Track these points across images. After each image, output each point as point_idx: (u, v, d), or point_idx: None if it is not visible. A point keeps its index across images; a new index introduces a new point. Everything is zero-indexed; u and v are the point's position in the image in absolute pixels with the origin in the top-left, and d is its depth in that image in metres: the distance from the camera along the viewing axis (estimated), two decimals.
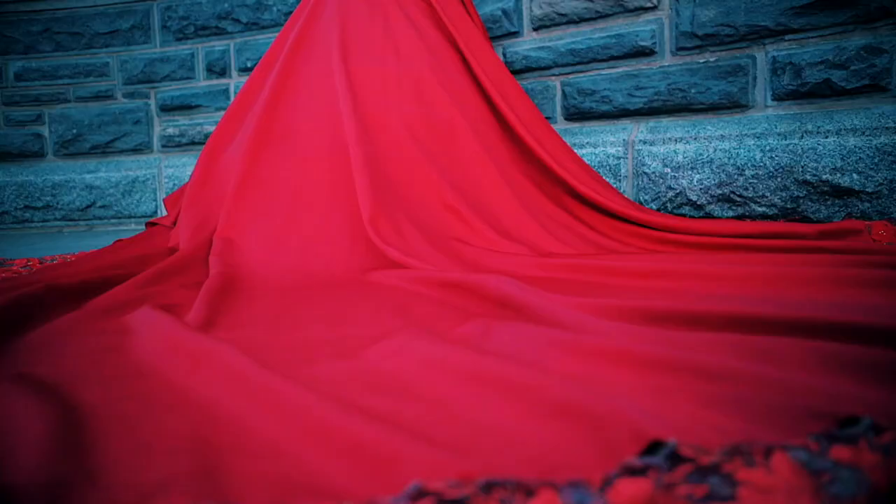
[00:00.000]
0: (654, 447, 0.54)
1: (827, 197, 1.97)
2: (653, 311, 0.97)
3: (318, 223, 1.72)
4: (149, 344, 0.96)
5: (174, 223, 2.18)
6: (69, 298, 1.33)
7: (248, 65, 3.46)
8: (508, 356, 0.83)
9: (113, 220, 3.63)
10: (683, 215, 2.23)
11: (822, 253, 1.48)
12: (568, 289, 1.28)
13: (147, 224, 2.36)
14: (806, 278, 1.22)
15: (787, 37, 2.07)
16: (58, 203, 3.65)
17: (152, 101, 3.66)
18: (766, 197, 2.07)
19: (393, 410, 0.69)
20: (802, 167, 1.99)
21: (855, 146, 1.91)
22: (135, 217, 3.60)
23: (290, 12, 3.31)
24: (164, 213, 3.13)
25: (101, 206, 3.62)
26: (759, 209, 2.09)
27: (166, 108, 3.63)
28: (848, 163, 1.92)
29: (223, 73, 3.54)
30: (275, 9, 3.40)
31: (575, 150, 2.41)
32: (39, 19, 3.71)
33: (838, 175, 1.93)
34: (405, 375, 0.79)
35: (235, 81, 3.52)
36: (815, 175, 1.97)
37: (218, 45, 3.54)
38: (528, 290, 1.09)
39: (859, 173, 1.90)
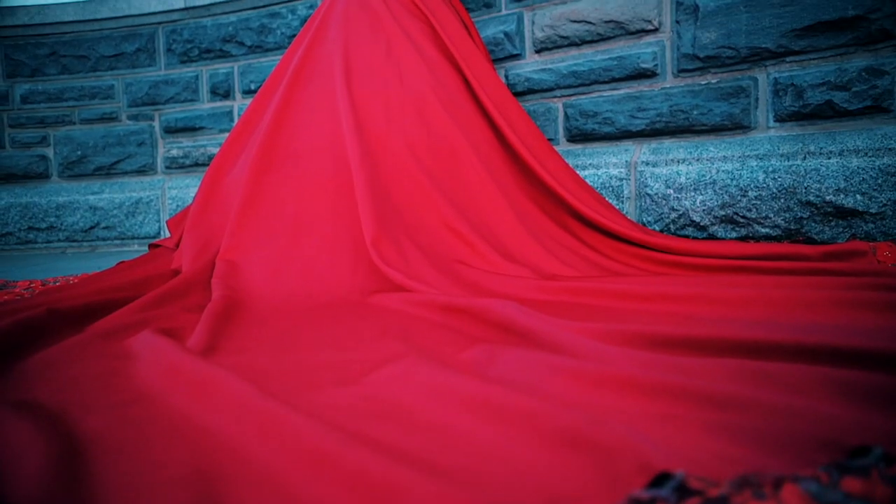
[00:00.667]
0: (661, 479, 0.53)
1: (831, 218, 1.96)
2: (657, 336, 0.96)
3: (320, 245, 1.72)
4: (150, 370, 0.95)
5: (177, 245, 2.18)
6: (71, 322, 1.33)
7: (252, 87, 3.48)
8: (513, 383, 0.83)
9: (116, 241, 3.64)
10: (687, 236, 2.23)
11: (827, 275, 1.47)
12: (571, 312, 1.27)
13: (150, 246, 2.36)
14: (810, 301, 1.21)
15: (788, 58, 2.08)
16: (61, 224, 3.67)
17: (156, 123, 3.69)
18: (770, 218, 2.06)
19: (396, 439, 0.68)
20: (806, 188, 1.99)
21: (858, 167, 1.91)
22: (138, 238, 3.61)
23: (294, 35, 3.35)
24: (168, 234, 3.14)
25: (104, 228, 3.63)
26: (763, 230, 2.08)
27: (170, 130, 3.66)
28: (851, 184, 1.92)
29: (227, 95, 3.57)
30: (278, 32, 3.44)
31: (578, 172, 2.42)
32: (46, 43, 3.75)
33: (842, 196, 1.93)
34: (409, 403, 0.78)
35: (239, 103, 3.55)
36: (818, 196, 1.97)
37: (222, 67, 3.57)
38: (532, 316, 1.08)
39: (863, 194, 1.90)
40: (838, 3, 1.96)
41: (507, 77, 2.71)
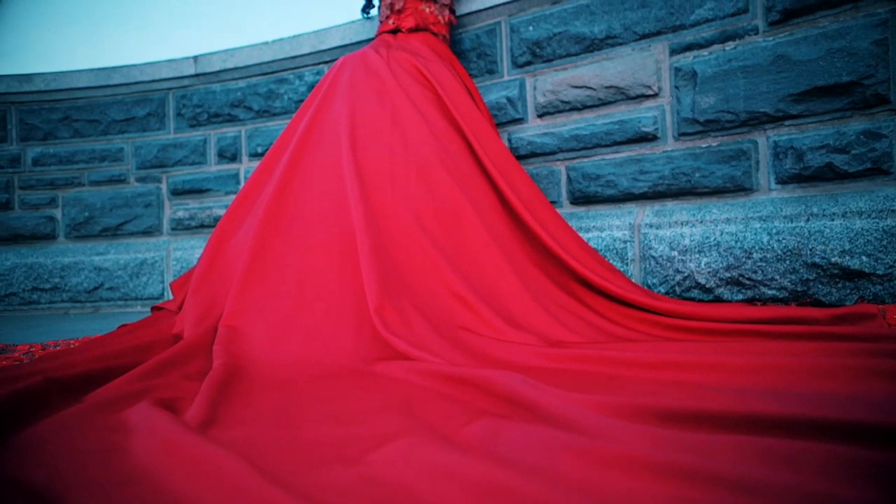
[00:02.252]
0: None
1: (837, 279, 1.95)
2: (666, 409, 0.94)
3: (324, 312, 1.71)
4: (146, 446, 0.93)
5: (180, 307, 2.18)
6: (69, 391, 1.31)
7: (259, 150, 3.54)
8: (520, 463, 0.80)
9: (119, 302, 3.63)
10: (692, 299, 2.21)
11: (837, 340, 1.45)
12: (577, 381, 1.25)
13: (153, 308, 2.35)
14: (822, 369, 1.19)
15: (786, 122, 2.11)
16: (65, 285, 3.67)
17: (164, 185, 3.74)
18: (776, 280, 2.05)
19: None
20: (811, 250, 1.98)
21: (862, 229, 1.91)
22: (141, 299, 3.61)
23: (301, 100, 3.42)
24: (171, 296, 3.14)
25: (108, 288, 3.63)
26: (770, 292, 2.07)
27: (177, 192, 3.70)
28: (856, 245, 1.91)
29: (234, 158, 3.62)
30: (286, 97, 3.51)
31: (581, 234, 2.42)
32: (59, 108, 3.84)
33: (847, 257, 1.92)
34: (411, 486, 0.75)
35: (246, 166, 3.60)
36: (823, 258, 1.96)
37: (230, 131, 3.64)
38: (537, 388, 1.06)
39: (868, 255, 1.89)
40: (833, 70, 2.00)
41: (510, 141, 2.75)
